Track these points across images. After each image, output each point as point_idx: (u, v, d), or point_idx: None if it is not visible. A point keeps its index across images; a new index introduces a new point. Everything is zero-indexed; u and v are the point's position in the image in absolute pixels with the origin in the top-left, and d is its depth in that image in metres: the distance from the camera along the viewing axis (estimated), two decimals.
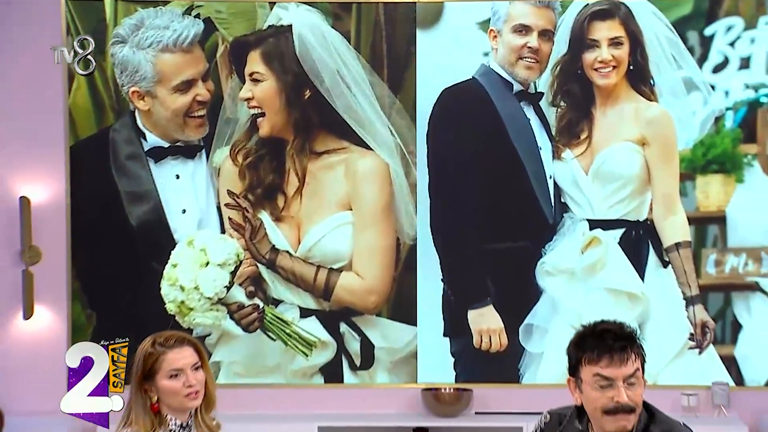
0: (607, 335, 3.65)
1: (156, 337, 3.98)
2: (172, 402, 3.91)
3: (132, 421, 3.92)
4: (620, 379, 3.58)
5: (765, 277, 7.19)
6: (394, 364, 7.35)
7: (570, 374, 3.74)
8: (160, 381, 3.89)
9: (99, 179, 7.32)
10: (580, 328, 3.78)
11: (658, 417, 3.71)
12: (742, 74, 7.19)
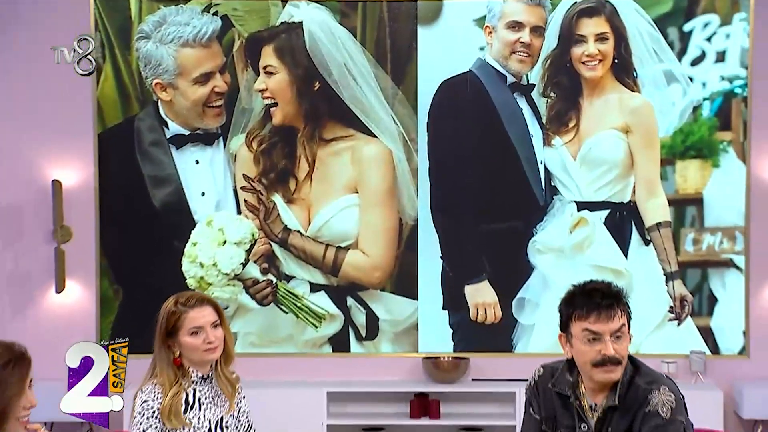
0: (596, 293, 3.71)
1: (178, 297, 4.04)
2: (193, 356, 3.98)
3: (157, 374, 3.98)
4: (607, 333, 3.63)
5: (739, 255, 7.24)
6: (396, 335, 7.40)
7: (561, 330, 3.79)
8: (182, 337, 3.95)
9: (125, 164, 7.36)
10: (571, 288, 3.83)
11: (642, 369, 3.76)
12: (718, 67, 7.23)
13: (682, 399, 3.72)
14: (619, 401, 3.67)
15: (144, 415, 3.90)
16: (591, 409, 3.74)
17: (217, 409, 4.05)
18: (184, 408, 3.96)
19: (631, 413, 3.65)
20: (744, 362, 7.24)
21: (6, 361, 3.07)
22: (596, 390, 3.73)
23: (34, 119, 7.31)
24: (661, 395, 3.64)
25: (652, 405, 3.62)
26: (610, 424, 3.68)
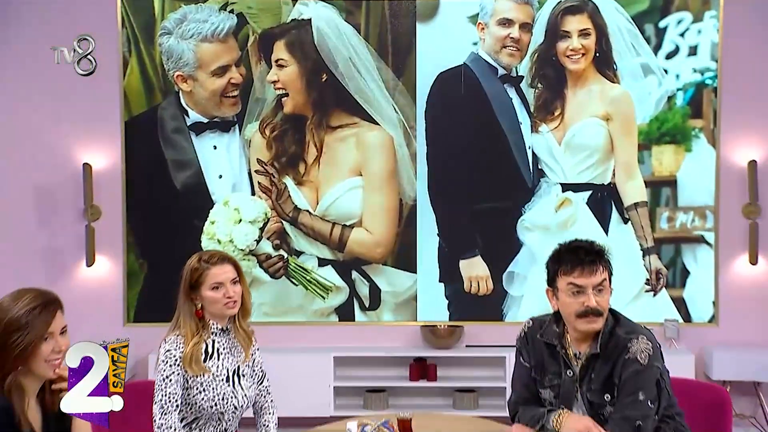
0: (580, 250, 3.78)
1: (201, 255, 4.10)
2: (213, 310, 4.03)
3: (180, 325, 4.03)
4: (590, 287, 3.70)
5: (709, 232, 7.29)
6: (397, 305, 7.44)
7: (548, 285, 3.86)
8: (204, 292, 4.00)
9: (149, 149, 7.38)
10: (558, 246, 3.89)
11: (622, 321, 3.83)
12: (691, 60, 7.27)
13: (658, 347, 3.79)
14: (601, 349, 3.73)
15: (167, 363, 3.95)
16: (576, 357, 3.80)
17: (234, 359, 4.10)
18: (204, 357, 4.02)
19: (612, 360, 3.72)
20: (713, 329, 7.29)
21: (33, 306, 3.09)
22: (580, 339, 3.79)
23: (66, 108, 7.33)
24: (640, 343, 3.71)
25: (632, 352, 3.69)
26: (593, 370, 3.74)
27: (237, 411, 4.08)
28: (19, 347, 3.04)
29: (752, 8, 7.21)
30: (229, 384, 4.04)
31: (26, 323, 3.06)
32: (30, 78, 7.27)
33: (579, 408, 3.75)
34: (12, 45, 7.22)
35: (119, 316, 7.37)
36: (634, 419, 3.61)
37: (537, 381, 3.89)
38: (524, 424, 3.81)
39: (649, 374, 3.67)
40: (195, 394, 3.96)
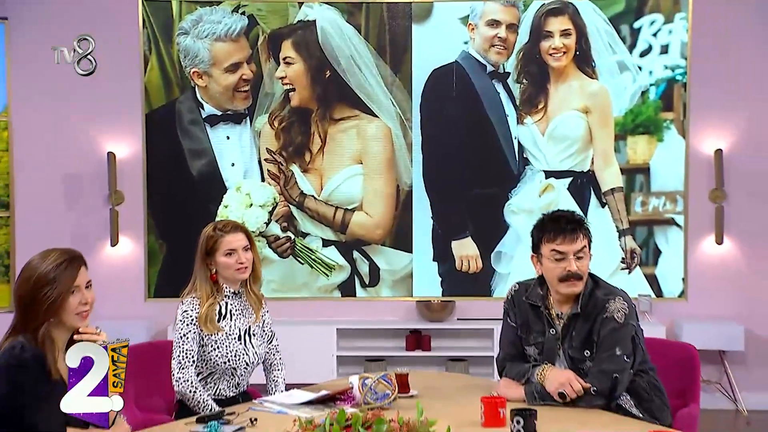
0: (562, 220, 3.79)
1: (216, 224, 4.11)
2: (226, 274, 4.04)
3: (196, 288, 4.04)
4: (571, 253, 3.71)
5: (679, 215, 7.30)
6: (394, 282, 7.45)
7: (533, 251, 3.87)
8: (219, 258, 4.01)
9: (167, 139, 7.39)
10: (542, 216, 3.90)
11: (601, 283, 3.84)
12: (662, 58, 7.29)
13: (633, 307, 3.80)
14: (581, 309, 3.75)
15: (184, 322, 3.97)
16: (558, 317, 3.81)
17: (246, 319, 4.11)
18: (218, 317, 4.02)
19: (592, 319, 3.73)
20: (683, 304, 7.30)
21: (60, 261, 3.12)
22: (562, 301, 3.80)
23: (92, 102, 7.34)
24: (617, 303, 3.73)
25: (609, 312, 3.70)
26: (574, 328, 3.75)
27: (248, 367, 4.09)
28: (50, 300, 3.07)
29: (718, 11, 7.21)
30: (240, 342, 4.05)
31: (54, 278, 3.09)
32: (57, 75, 7.27)
33: (561, 363, 3.75)
34: (43, 46, 7.21)
35: (141, 291, 7.39)
36: (611, 372, 3.62)
37: (522, 339, 3.89)
38: (511, 378, 3.81)
39: (625, 331, 3.68)
40: (210, 351, 3.98)
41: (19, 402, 3.02)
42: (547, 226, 3.81)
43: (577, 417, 3.44)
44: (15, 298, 3.19)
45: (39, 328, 3.09)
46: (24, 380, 3.02)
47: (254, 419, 3.46)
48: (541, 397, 3.61)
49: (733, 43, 7.22)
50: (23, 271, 3.17)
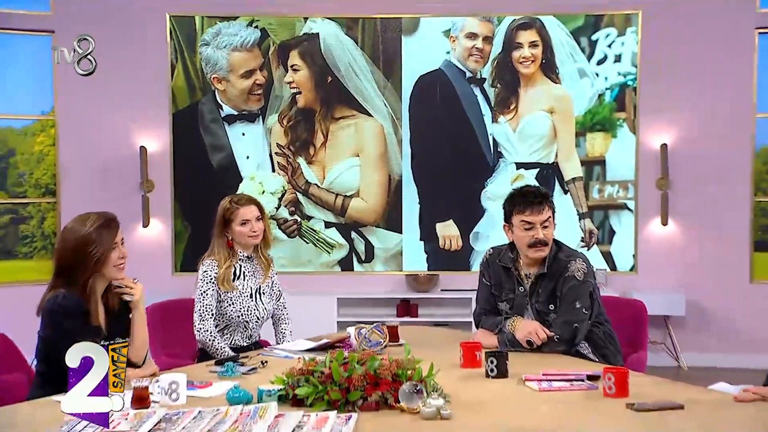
0: (530, 194, 3.78)
1: (232, 197, 4.10)
2: (241, 241, 4.03)
3: (214, 252, 4.03)
4: (538, 223, 3.70)
5: (630, 200, 7.31)
6: (387, 258, 7.44)
7: (505, 221, 3.85)
8: (235, 227, 4.01)
9: (191, 136, 7.39)
10: (512, 191, 3.89)
11: (563, 248, 3.82)
12: (616, 66, 7.28)
13: (592, 267, 3.80)
14: (547, 270, 3.73)
15: (204, 281, 3.96)
16: (526, 277, 3.81)
17: (256, 280, 4.11)
18: (233, 277, 4.01)
19: (555, 278, 3.72)
20: (633, 276, 7.32)
21: (101, 223, 3.14)
22: (530, 264, 3.80)
23: (127, 103, 7.34)
24: (577, 264, 3.72)
25: (570, 271, 3.70)
26: (540, 286, 3.75)
27: (259, 321, 4.09)
28: (95, 257, 3.09)
29: (663, 26, 7.21)
30: (252, 299, 4.04)
31: (97, 237, 3.10)
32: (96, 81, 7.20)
33: (529, 315, 3.75)
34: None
35: (169, 266, 7.38)
36: (572, 323, 3.62)
37: (496, 296, 3.89)
38: (486, 329, 3.81)
39: (584, 288, 3.68)
40: (226, 306, 3.97)
41: (61, 343, 3.01)
42: (517, 200, 3.80)
43: (541, 360, 3.43)
44: (58, 258, 3.18)
45: (85, 282, 3.10)
46: (65, 324, 3.02)
47: (265, 362, 3.45)
48: (512, 344, 3.61)
49: (676, 53, 7.22)
50: (65, 235, 3.16)
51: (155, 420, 2.57)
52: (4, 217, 7.29)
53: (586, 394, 2.93)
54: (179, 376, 2.86)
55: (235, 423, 2.53)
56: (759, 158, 7.22)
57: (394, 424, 2.57)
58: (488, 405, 2.79)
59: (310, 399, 2.70)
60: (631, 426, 2.58)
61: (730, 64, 7.20)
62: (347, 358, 2.82)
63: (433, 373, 2.82)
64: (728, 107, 7.22)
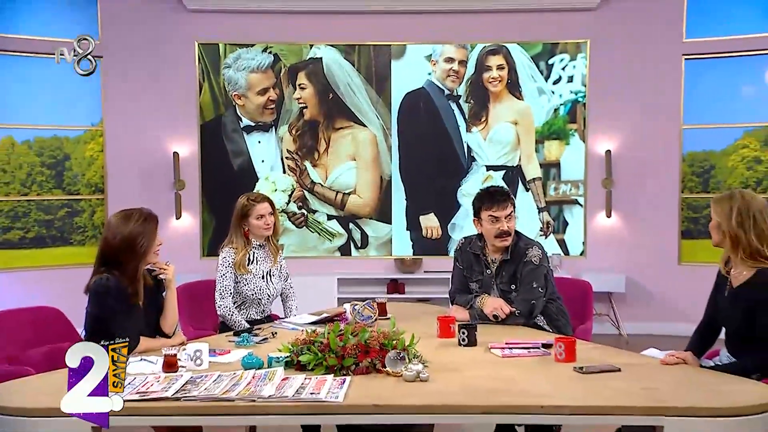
0: (496, 193, 3.78)
1: (249, 195, 4.08)
2: (256, 232, 4.02)
3: (232, 241, 4.01)
4: (503, 217, 3.69)
5: (581, 197, 7.28)
6: (379, 245, 7.40)
7: (474, 216, 3.84)
8: (251, 220, 3.99)
9: (216, 143, 7.32)
10: (480, 190, 3.88)
11: (523, 237, 3.81)
12: (569, 85, 7.24)
13: (546, 254, 3.80)
14: (510, 256, 3.72)
15: (224, 265, 3.95)
16: (492, 262, 3.81)
17: (267, 264, 4.09)
18: (247, 262, 4.00)
19: (516, 263, 3.72)
20: (583, 260, 7.30)
21: (145, 217, 3.13)
22: (495, 251, 3.80)
23: (162, 116, 7.29)
24: (534, 251, 3.72)
25: (528, 257, 3.70)
26: (504, 270, 3.75)
27: (269, 298, 4.08)
28: (143, 247, 3.09)
29: (607, 52, 7.19)
30: (263, 280, 4.03)
31: (143, 231, 3.10)
32: (137, 98, 7.24)
33: (495, 294, 3.74)
34: (126, 77, 7.19)
35: (197, 252, 7.34)
36: (530, 300, 3.62)
37: (467, 278, 3.88)
38: (459, 305, 3.80)
39: (539, 270, 3.68)
40: (242, 286, 3.96)
41: (105, 318, 3.01)
42: (484, 198, 3.80)
43: (505, 331, 3.43)
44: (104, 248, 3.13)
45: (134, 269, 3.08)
46: (108, 302, 3.01)
47: (275, 333, 3.44)
48: (481, 318, 3.60)
49: (618, 75, 7.19)
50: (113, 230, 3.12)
51: (182, 382, 2.56)
52: (61, 211, 7.25)
53: (540, 360, 2.93)
54: (203, 345, 2.85)
55: (249, 384, 2.53)
56: (685, 162, 7.20)
57: (381, 385, 2.56)
58: (460, 369, 2.79)
59: (311, 364, 2.70)
60: (578, 386, 2.59)
61: (662, 85, 7.18)
62: (342, 330, 2.81)
63: (414, 342, 2.82)
64: (661, 120, 7.19)
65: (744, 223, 2.90)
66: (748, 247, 2.90)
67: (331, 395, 2.41)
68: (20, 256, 7.09)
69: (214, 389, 2.48)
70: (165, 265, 3.29)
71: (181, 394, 2.44)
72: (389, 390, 2.51)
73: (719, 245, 3.03)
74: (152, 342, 3.12)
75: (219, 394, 2.42)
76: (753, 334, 2.87)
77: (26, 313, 3.43)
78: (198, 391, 2.46)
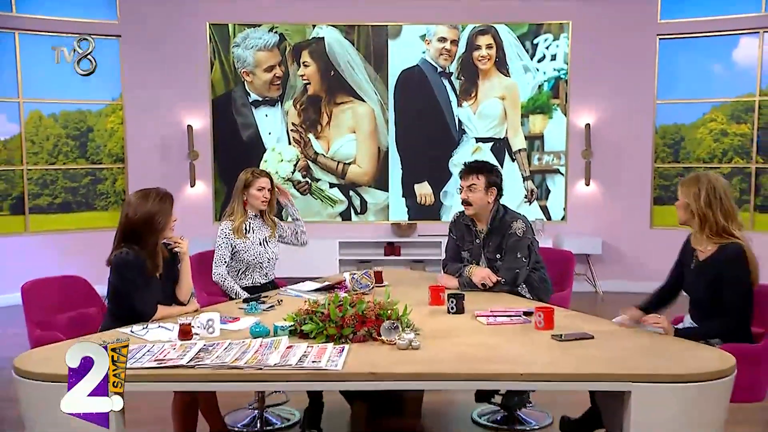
0: (465, 166, 3.78)
1: (252, 170, 4.00)
2: (254, 203, 3.95)
3: (233, 212, 3.97)
4: (465, 186, 3.71)
5: (562, 166, 7.27)
6: (377, 211, 7.40)
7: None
8: (252, 191, 3.93)
9: (227, 116, 7.28)
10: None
11: (509, 211, 3.78)
12: (552, 63, 7.19)
13: (530, 226, 3.78)
14: (492, 228, 3.72)
15: (221, 237, 3.90)
16: (480, 233, 3.79)
17: (263, 233, 4.00)
18: (245, 231, 3.96)
19: (501, 234, 3.71)
20: (564, 224, 7.31)
21: (161, 196, 3.11)
22: (482, 222, 3.77)
23: (177, 92, 7.23)
24: (518, 223, 3.70)
25: (513, 229, 3.69)
26: (490, 240, 3.74)
27: (270, 262, 4.00)
28: (161, 224, 3.09)
29: (588, 33, 7.12)
30: (261, 246, 3.96)
31: (160, 209, 3.09)
32: (154, 75, 7.17)
33: (483, 262, 3.74)
34: (144, 55, 7.12)
35: (210, 217, 7.34)
36: (514, 269, 3.62)
37: (459, 246, 3.87)
38: (450, 273, 3.81)
39: (523, 242, 3.66)
40: (243, 254, 3.90)
41: (125, 289, 3.01)
42: (461, 170, 3.82)
43: (490, 297, 3.44)
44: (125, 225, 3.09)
45: (154, 244, 3.08)
46: (128, 274, 3.01)
47: (280, 300, 3.45)
48: (469, 286, 3.61)
49: (597, 54, 7.13)
50: (132, 208, 3.08)
51: (196, 350, 2.58)
52: (86, 179, 7.24)
53: (521, 327, 2.94)
54: (214, 315, 2.87)
55: (256, 353, 2.54)
56: (658, 134, 7.18)
57: (377, 353, 2.58)
58: (448, 336, 2.80)
59: (313, 333, 2.71)
60: (555, 352, 2.61)
61: (637, 63, 7.11)
62: (342, 302, 2.82)
63: (407, 313, 2.83)
64: (636, 95, 7.14)
65: (712, 204, 2.92)
66: (715, 225, 2.92)
67: (331, 363, 2.42)
68: (49, 220, 7.10)
69: (225, 357, 2.49)
70: (179, 239, 3.28)
71: (195, 361, 2.45)
72: (384, 358, 2.52)
73: (686, 223, 3.04)
74: (169, 310, 3.13)
75: (229, 362, 2.43)
76: (716, 303, 2.90)
77: (54, 282, 3.43)
78: (210, 359, 2.47)
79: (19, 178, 6.95)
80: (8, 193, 6.93)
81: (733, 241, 2.90)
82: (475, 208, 3.71)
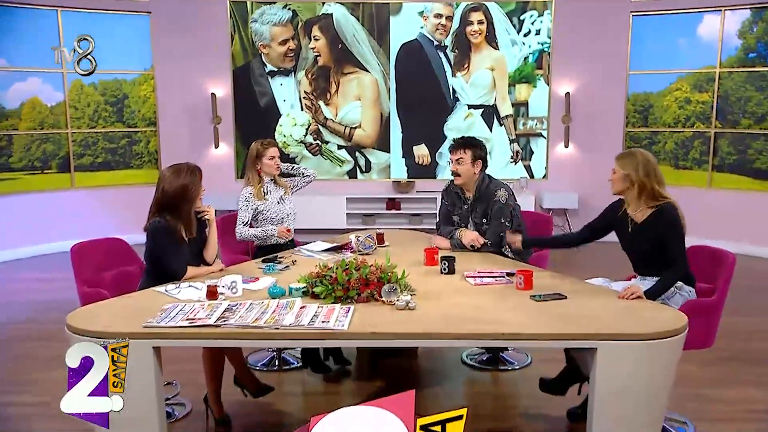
0: (454, 141, 3.75)
1: (262, 141, 3.94)
2: (267, 170, 3.90)
3: (249, 180, 3.95)
4: (454, 159, 3.68)
5: (544, 130, 7.20)
6: (380, 170, 7.37)
7: None
8: (264, 160, 3.88)
9: (246, 86, 7.18)
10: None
11: (494, 180, 3.75)
12: (537, 37, 7.05)
13: (513, 194, 3.76)
14: (480, 196, 3.70)
15: (243, 200, 3.86)
16: (468, 200, 3.78)
17: (279, 193, 3.97)
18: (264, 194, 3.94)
19: (487, 201, 3.70)
20: (545, 182, 7.29)
21: (191, 170, 3.10)
22: (469, 190, 3.76)
23: (202, 63, 7.13)
24: (501, 192, 3.69)
25: (497, 196, 3.68)
26: (477, 206, 3.73)
27: (290, 215, 3.97)
28: (193, 194, 3.08)
29: (568, 10, 6.98)
30: (279, 204, 3.94)
31: (191, 181, 3.07)
32: (181, 48, 7.06)
33: (471, 226, 3.75)
34: (172, 30, 6.98)
35: (232, 175, 7.33)
36: (499, 231, 3.62)
37: (450, 211, 3.87)
38: (443, 235, 3.81)
39: (506, 208, 3.66)
40: (266, 212, 3.88)
41: (159, 252, 3.04)
42: (450, 145, 3.80)
43: (478, 259, 3.47)
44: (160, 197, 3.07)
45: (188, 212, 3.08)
46: (161, 240, 3.03)
47: (295, 261, 3.47)
48: (460, 247, 3.63)
49: (577, 29, 6.98)
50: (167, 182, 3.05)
51: (221, 310, 2.62)
52: (123, 140, 7.21)
53: (504, 288, 2.96)
54: (237, 277, 2.89)
55: (274, 313, 2.58)
56: (630, 101, 7.09)
57: (378, 312, 2.61)
58: (440, 296, 2.83)
59: (323, 295, 2.75)
60: (532, 311, 2.63)
61: (612, 37, 6.98)
62: (348, 266, 2.84)
63: (404, 276, 2.86)
64: (611, 67, 7.03)
65: (649, 173, 3.03)
66: (651, 191, 3.03)
67: (338, 323, 2.45)
68: (91, 177, 7.11)
69: (247, 317, 2.53)
70: (207, 208, 3.29)
71: (221, 321, 2.48)
72: (384, 317, 2.55)
73: (620, 193, 3.10)
74: (197, 270, 3.15)
75: (250, 323, 2.47)
76: (661, 257, 2.96)
77: (99, 243, 3.45)
78: (234, 319, 2.50)
79: (65, 141, 6.93)
80: (56, 154, 6.92)
81: (667, 201, 3.01)
82: (463, 179, 3.70)
